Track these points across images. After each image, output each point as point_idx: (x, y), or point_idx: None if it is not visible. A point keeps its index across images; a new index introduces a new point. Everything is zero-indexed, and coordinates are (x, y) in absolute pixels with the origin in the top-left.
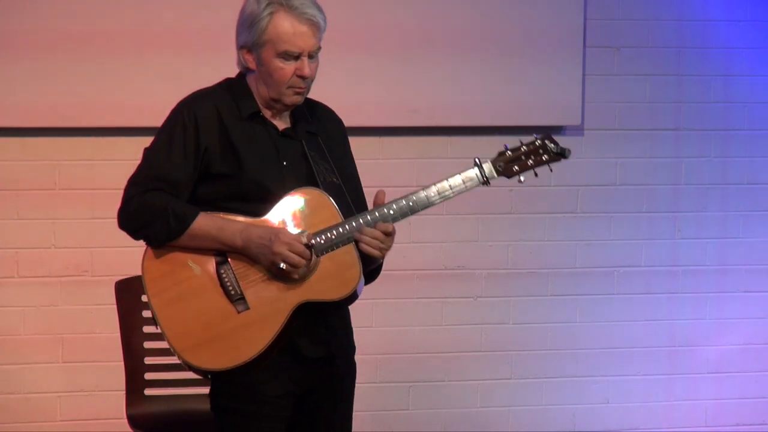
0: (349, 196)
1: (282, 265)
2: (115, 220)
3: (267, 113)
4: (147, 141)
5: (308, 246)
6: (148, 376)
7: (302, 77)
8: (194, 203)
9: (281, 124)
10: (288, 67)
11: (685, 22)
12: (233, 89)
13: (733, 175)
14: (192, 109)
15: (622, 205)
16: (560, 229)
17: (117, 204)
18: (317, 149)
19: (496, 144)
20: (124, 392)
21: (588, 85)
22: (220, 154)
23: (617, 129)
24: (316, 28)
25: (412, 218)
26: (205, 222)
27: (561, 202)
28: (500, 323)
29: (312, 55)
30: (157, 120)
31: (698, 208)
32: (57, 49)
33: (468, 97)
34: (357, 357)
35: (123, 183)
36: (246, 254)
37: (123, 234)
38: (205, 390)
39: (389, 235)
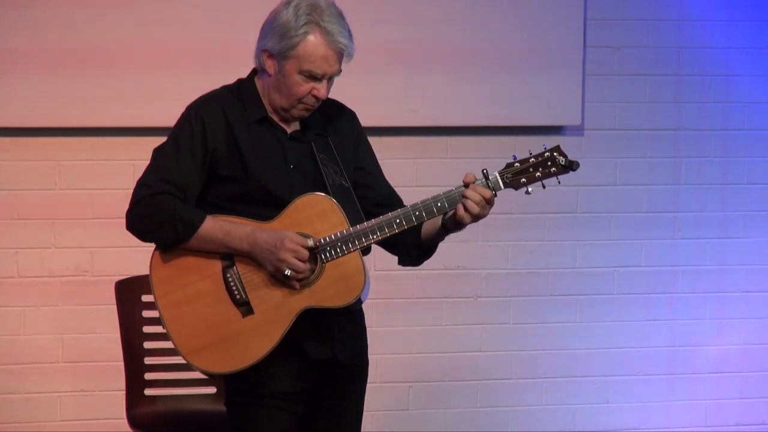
0: (370, 192)
1: (287, 271)
2: (116, 220)
3: (275, 117)
4: (146, 141)
5: (314, 250)
6: (148, 376)
7: (316, 97)
8: (201, 205)
9: (290, 127)
10: (306, 85)
11: (685, 22)
12: (242, 92)
13: (733, 175)
14: (199, 113)
15: (622, 205)
16: (560, 229)
17: (117, 203)
18: (327, 151)
19: (496, 144)
20: (124, 392)
21: (588, 85)
22: (226, 157)
23: (617, 129)
24: (344, 56)
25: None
26: (213, 226)
27: (561, 202)
28: (500, 323)
29: (331, 78)
30: (158, 120)
31: (698, 208)
32: (58, 50)
33: (468, 97)
34: None
35: (123, 183)
36: (252, 259)
37: (123, 234)
38: (206, 390)
39: (489, 202)
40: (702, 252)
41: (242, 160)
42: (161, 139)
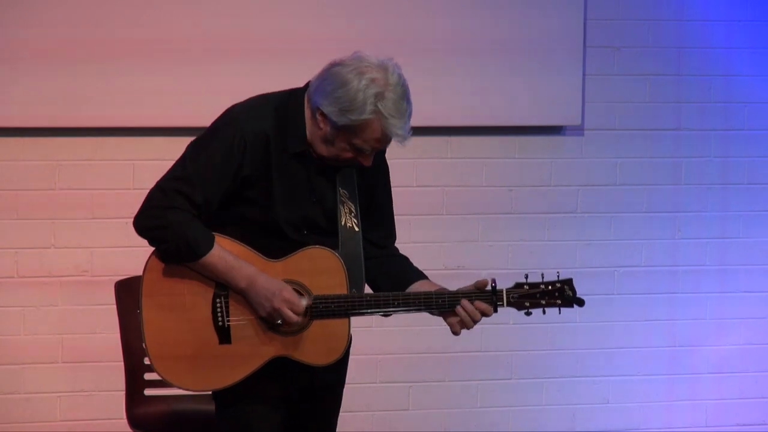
0: (371, 227)
1: (279, 321)
2: (116, 220)
3: (312, 150)
4: (146, 141)
5: (308, 308)
6: (148, 376)
7: (360, 164)
8: (223, 215)
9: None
10: (352, 152)
11: (685, 22)
12: (288, 115)
13: (733, 175)
14: (245, 135)
15: (622, 205)
16: (560, 229)
17: (117, 203)
18: (349, 186)
19: (496, 144)
20: (124, 392)
21: (588, 85)
22: (255, 182)
23: (617, 129)
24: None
25: (412, 218)
26: (217, 258)
27: (561, 202)
28: (500, 323)
29: None
30: (158, 121)
31: (698, 208)
32: (57, 50)
33: (468, 97)
34: (357, 357)
35: (123, 183)
36: (246, 299)
37: (123, 234)
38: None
39: (483, 315)
40: (702, 252)
41: (269, 190)
42: (162, 139)
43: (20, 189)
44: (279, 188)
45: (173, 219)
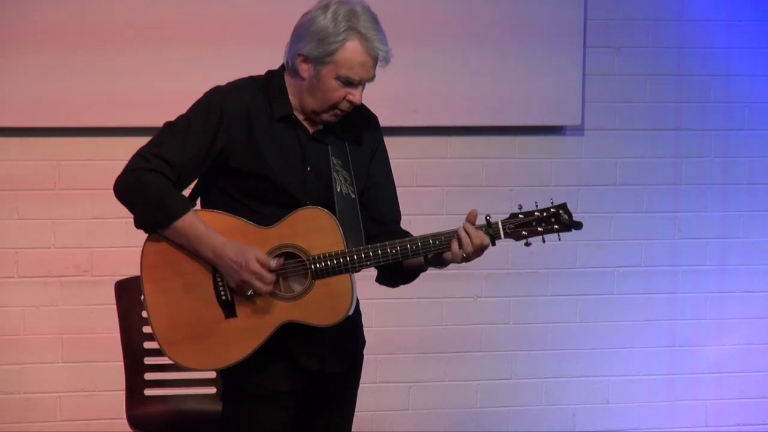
0: (372, 205)
1: (249, 292)
2: (116, 220)
3: (300, 116)
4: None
5: (278, 270)
6: (148, 376)
7: (351, 102)
8: (216, 195)
9: (312, 126)
10: (341, 91)
11: (685, 22)
12: (270, 87)
13: (733, 175)
14: (221, 103)
15: (622, 205)
16: None
17: (117, 204)
18: (342, 156)
19: (496, 144)
20: (124, 392)
21: (588, 85)
22: (241, 152)
23: (617, 129)
24: (379, 60)
25: (412, 218)
26: (190, 225)
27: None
28: (500, 323)
29: (365, 84)
30: (158, 119)
31: (698, 208)
32: (57, 49)
33: (468, 97)
34: None
35: None
36: (216, 269)
37: (123, 234)
38: (205, 390)
39: (482, 249)
40: (702, 252)
41: (262, 158)
42: None
43: (20, 189)
44: (271, 158)
45: (150, 180)
